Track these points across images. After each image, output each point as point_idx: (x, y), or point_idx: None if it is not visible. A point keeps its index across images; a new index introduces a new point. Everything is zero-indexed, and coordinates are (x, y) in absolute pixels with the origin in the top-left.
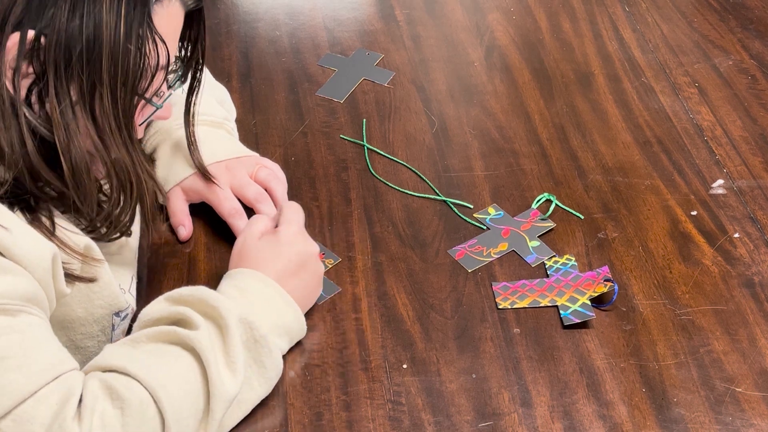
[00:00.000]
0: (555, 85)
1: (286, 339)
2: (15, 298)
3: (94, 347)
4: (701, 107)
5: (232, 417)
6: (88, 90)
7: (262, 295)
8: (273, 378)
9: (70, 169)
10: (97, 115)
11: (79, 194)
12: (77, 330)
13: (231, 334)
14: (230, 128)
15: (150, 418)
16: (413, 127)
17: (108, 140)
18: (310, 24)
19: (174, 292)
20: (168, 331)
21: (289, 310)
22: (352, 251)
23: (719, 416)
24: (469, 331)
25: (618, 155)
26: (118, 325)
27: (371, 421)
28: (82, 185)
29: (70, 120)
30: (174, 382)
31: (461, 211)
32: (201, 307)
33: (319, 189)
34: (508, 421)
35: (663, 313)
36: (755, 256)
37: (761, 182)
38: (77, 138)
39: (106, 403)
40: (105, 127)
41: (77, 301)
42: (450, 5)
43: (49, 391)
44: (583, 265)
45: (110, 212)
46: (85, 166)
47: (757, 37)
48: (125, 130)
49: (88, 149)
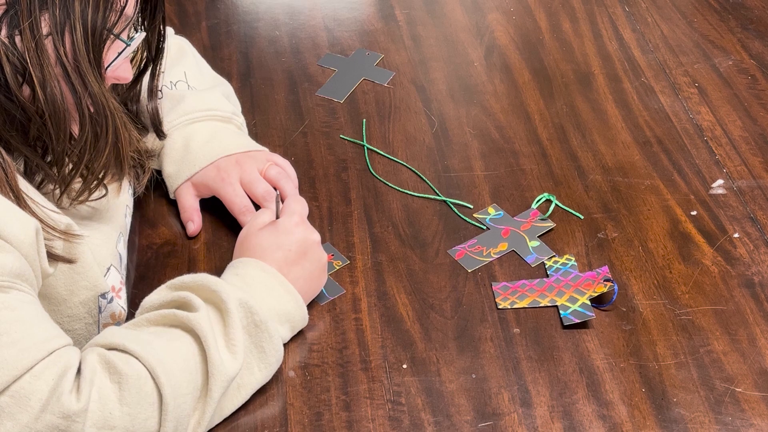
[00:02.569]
0: (555, 85)
1: (287, 326)
2: (4, 275)
3: (82, 330)
4: (701, 107)
5: (232, 401)
6: (60, 21)
7: (263, 282)
8: (273, 364)
9: (45, 100)
10: (68, 48)
11: (54, 124)
12: (63, 312)
13: (231, 317)
14: (239, 123)
15: (147, 393)
16: (413, 127)
17: (81, 74)
18: (310, 24)
19: (176, 279)
20: (168, 314)
21: (289, 297)
22: (352, 251)
23: (719, 416)
24: (468, 331)
25: (618, 155)
26: (104, 307)
27: (371, 421)
28: (57, 117)
29: (43, 51)
30: (173, 360)
31: (461, 211)
32: (202, 292)
33: (319, 189)
34: (508, 421)
35: (663, 313)
36: (755, 256)
37: (761, 182)
38: (51, 69)
39: (104, 377)
40: (77, 61)
41: (62, 282)
42: (450, 5)
43: (44, 366)
44: (582, 265)
45: (83, 155)
46: (60, 100)
47: (757, 37)
48: (96, 68)
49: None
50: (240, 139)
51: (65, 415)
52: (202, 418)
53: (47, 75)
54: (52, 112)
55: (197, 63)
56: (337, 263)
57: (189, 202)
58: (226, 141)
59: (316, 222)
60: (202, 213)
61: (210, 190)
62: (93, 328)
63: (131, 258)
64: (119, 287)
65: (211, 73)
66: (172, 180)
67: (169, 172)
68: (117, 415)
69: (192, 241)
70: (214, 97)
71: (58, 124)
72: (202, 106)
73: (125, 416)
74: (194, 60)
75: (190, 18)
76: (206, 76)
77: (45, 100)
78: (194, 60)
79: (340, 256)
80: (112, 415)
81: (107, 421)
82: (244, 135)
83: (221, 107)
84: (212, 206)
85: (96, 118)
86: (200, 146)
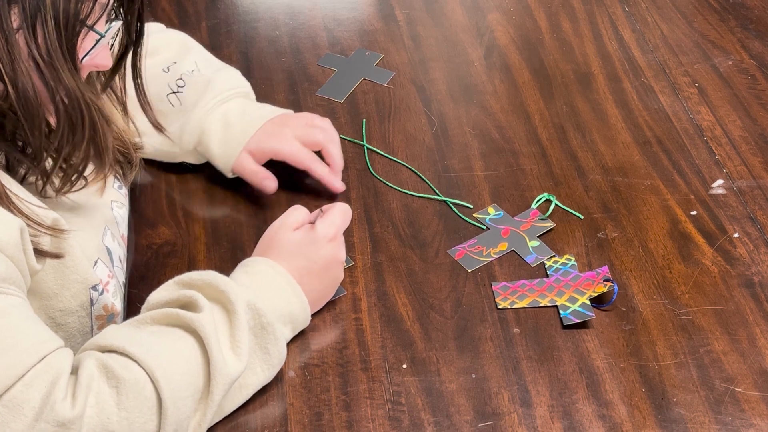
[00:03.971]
0: (555, 85)
1: (290, 327)
2: None
3: (75, 323)
4: (701, 107)
5: (233, 400)
6: (31, 14)
7: (273, 283)
8: (276, 365)
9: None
10: (40, 42)
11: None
12: (55, 306)
13: (239, 318)
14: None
15: (146, 397)
16: (413, 127)
17: (54, 68)
18: (309, 24)
19: (184, 275)
20: (171, 314)
21: (296, 300)
22: (352, 251)
23: (719, 416)
24: (468, 331)
25: (618, 155)
26: (96, 299)
27: (371, 421)
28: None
29: (13, 47)
30: (173, 363)
31: (461, 211)
32: (209, 292)
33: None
34: (507, 421)
35: (663, 313)
36: (755, 256)
37: (761, 182)
38: (21, 65)
39: (102, 382)
40: (50, 55)
41: (51, 277)
42: (450, 5)
43: (35, 374)
44: (582, 265)
45: (60, 149)
46: (33, 96)
47: (757, 37)
48: (69, 61)
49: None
50: (268, 107)
51: (60, 423)
52: (203, 420)
53: (18, 71)
54: (24, 108)
55: (202, 51)
56: None
57: (254, 167)
58: (259, 110)
59: None
60: (203, 212)
61: (269, 153)
62: (86, 321)
63: (131, 258)
64: (106, 281)
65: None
66: (226, 158)
67: (219, 153)
68: (115, 420)
69: (192, 241)
70: (234, 75)
71: (32, 120)
72: (227, 86)
73: (123, 421)
74: (200, 49)
75: (190, 18)
76: (214, 61)
77: (17, 97)
78: (200, 49)
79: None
80: (110, 420)
81: (105, 426)
82: (268, 105)
83: (242, 84)
84: (212, 206)
85: (71, 111)
86: (239, 120)
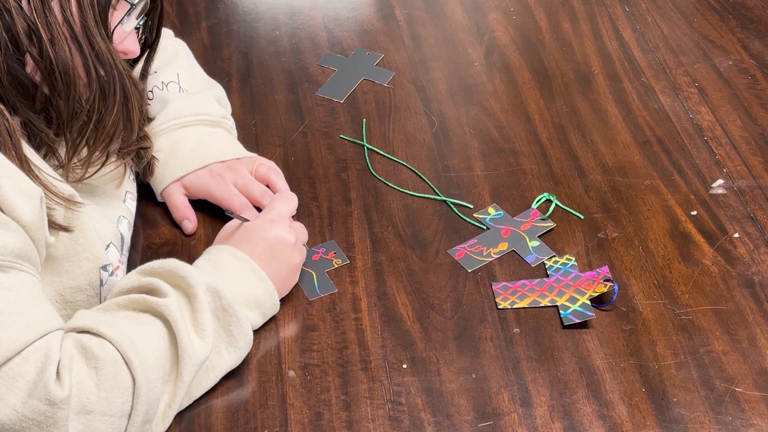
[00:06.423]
0: (555, 85)
1: (257, 312)
2: (6, 255)
3: (84, 302)
4: (701, 107)
5: (201, 384)
6: None
7: (234, 268)
8: (243, 348)
9: (56, 58)
10: (74, 9)
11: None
12: (65, 284)
13: (199, 301)
14: (228, 126)
15: (122, 378)
16: (413, 126)
17: (88, 34)
18: (309, 24)
19: (146, 264)
20: (137, 299)
21: (260, 284)
22: (352, 251)
23: (719, 416)
24: (468, 331)
25: (618, 155)
26: (106, 280)
27: (371, 421)
28: (66, 75)
29: (50, 12)
30: (144, 345)
31: (461, 211)
32: (170, 278)
33: (319, 189)
34: (508, 421)
35: (663, 313)
36: (755, 256)
37: (761, 182)
38: (59, 29)
39: (81, 362)
40: (84, 20)
41: (62, 253)
42: (450, 5)
43: (33, 350)
44: (582, 265)
45: (91, 114)
46: (69, 57)
47: (757, 37)
48: (103, 27)
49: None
50: (229, 144)
51: (51, 402)
52: (173, 401)
53: (56, 34)
54: (62, 70)
55: (190, 65)
56: (336, 261)
57: (180, 201)
58: (215, 147)
59: (316, 222)
60: (202, 212)
61: (202, 192)
62: (95, 301)
63: (131, 258)
64: (117, 265)
65: (203, 76)
66: (159, 181)
67: (155, 175)
68: (94, 400)
69: (192, 240)
70: (203, 100)
71: (68, 82)
72: (191, 111)
73: (102, 401)
74: (188, 62)
75: (190, 18)
76: (198, 79)
77: (55, 59)
78: (188, 62)
79: (341, 255)
80: (90, 400)
81: (85, 406)
82: (232, 140)
83: (210, 111)
84: (212, 206)
85: (104, 78)
86: (189, 151)
